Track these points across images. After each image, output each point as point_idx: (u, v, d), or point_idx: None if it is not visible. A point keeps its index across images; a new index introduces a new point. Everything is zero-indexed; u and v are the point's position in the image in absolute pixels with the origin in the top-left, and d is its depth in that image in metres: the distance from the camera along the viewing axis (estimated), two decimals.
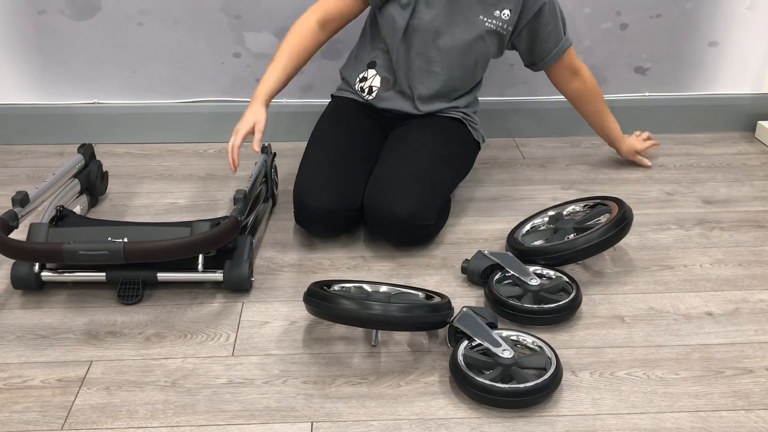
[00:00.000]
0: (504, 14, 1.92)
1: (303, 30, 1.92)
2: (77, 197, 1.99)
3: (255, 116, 1.84)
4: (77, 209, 1.94)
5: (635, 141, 2.31)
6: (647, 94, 2.56)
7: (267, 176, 2.01)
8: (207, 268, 1.68)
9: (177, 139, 2.46)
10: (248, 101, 1.87)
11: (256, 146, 1.84)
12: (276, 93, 1.90)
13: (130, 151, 2.44)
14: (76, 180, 1.98)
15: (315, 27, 1.92)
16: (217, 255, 1.69)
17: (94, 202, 2.08)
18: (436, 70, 1.95)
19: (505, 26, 1.94)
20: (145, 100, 2.47)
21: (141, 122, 2.48)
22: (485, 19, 1.91)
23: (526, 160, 2.40)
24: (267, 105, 1.88)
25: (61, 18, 2.33)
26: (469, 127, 2.04)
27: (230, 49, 2.40)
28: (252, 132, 1.84)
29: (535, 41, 2.01)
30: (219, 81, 2.45)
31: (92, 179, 2.04)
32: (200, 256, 1.67)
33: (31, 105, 2.45)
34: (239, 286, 1.68)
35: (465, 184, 2.20)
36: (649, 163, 2.32)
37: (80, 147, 2.06)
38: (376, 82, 2.02)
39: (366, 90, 2.03)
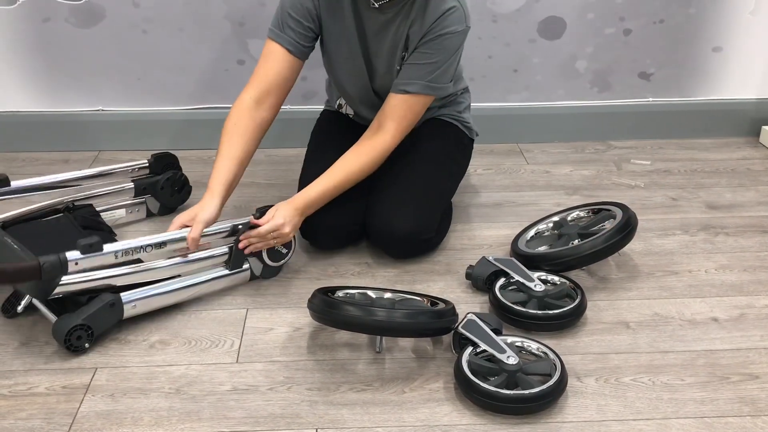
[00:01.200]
0: (406, 55, 1.79)
1: (237, 117, 1.77)
2: (132, 201, 2.01)
3: (200, 209, 1.65)
4: (122, 212, 1.97)
5: (276, 219, 1.67)
6: (651, 99, 2.56)
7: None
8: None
9: (181, 146, 2.46)
10: None
11: (191, 242, 1.60)
12: (232, 184, 1.72)
13: (135, 158, 2.44)
14: (131, 183, 2.00)
15: (251, 106, 1.77)
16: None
17: (164, 211, 2.07)
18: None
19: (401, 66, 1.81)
20: (150, 107, 2.48)
21: (145, 129, 2.48)
22: (398, 66, 1.81)
23: (530, 166, 2.40)
24: (223, 198, 1.69)
25: (66, 26, 2.33)
26: (461, 127, 2.03)
27: (234, 56, 2.41)
28: (189, 224, 1.63)
29: (404, 65, 1.78)
30: (223, 88, 2.45)
31: (157, 189, 2.03)
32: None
33: (36, 112, 2.45)
34: (54, 337, 1.53)
35: (469, 189, 2.20)
36: None
37: (155, 154, 2.06)
38: (350, 110, 2.05)
39: (346, 114, 2.07)
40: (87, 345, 1.52)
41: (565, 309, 1.60)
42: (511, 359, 1.41)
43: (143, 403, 1.41)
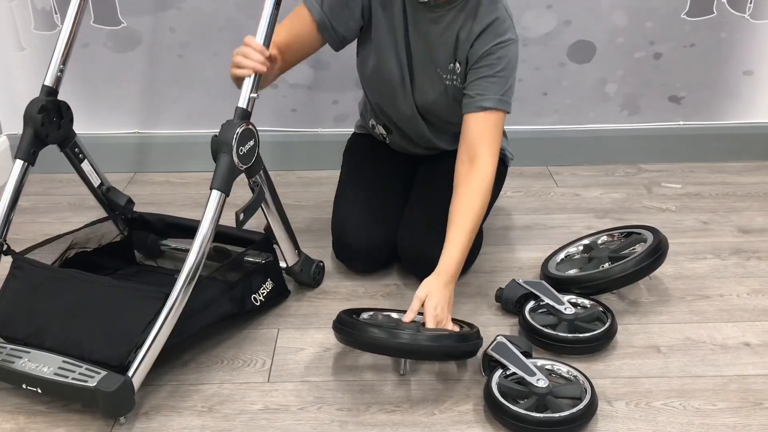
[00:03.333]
0: (456, 67, 1.74)
1: None
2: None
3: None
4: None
5: (428, 305, 1.54)
6: (682, 122, 2.55)
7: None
8: None
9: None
10: (286, 131, 1.86)
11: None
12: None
13: (169, 180, 2.49)
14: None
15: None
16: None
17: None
18: (419, 126, 1.89)
19: (457, 79, 1.75)
20: (184, 129, 2.52)
21: (180, 151, 2.52)
22: (444, 75, 1.76)
23: (560, 189, 2.40)
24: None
25: (104, 50, 2.39)
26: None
27: None
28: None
29: (469, 83, 1.71)
30: (256, 111, 2.47)
31: (37, 125, 1.76)
32: None
33: None
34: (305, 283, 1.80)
35: (498, 212, 2.21)
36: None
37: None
38: (381, 129, 2.01)
39: (380, 136, 2.03)
40: (323, 265, 1.86)
41: (595, 332, 1.59)
42: (541, 382, 1.41)
43: (176, 421, 1.43)
